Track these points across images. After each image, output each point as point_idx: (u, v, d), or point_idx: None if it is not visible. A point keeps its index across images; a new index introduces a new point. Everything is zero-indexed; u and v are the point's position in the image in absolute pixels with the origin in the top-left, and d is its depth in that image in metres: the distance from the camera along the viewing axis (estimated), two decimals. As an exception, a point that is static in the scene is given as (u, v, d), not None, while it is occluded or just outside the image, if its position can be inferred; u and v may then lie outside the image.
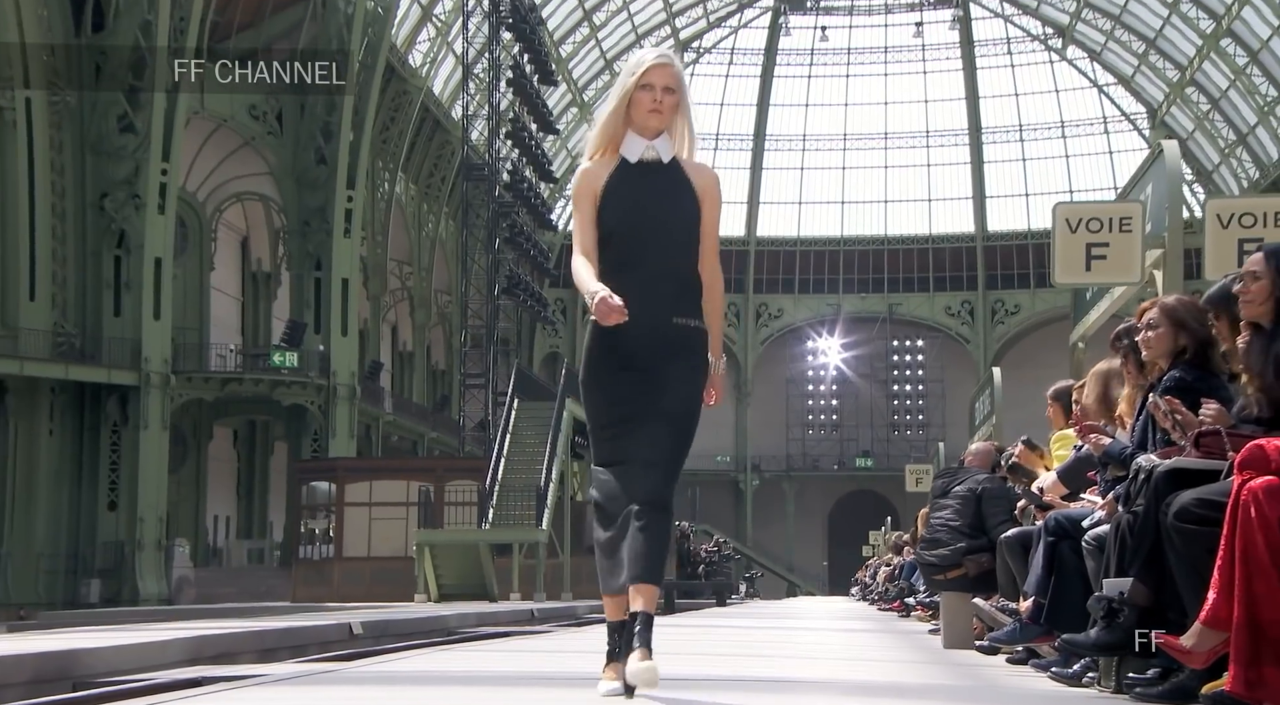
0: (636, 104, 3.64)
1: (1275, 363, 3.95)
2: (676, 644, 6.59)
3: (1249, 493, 3.43)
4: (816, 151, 55.35)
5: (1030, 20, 51.72)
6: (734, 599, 28.28)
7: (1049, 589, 5.03)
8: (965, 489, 6.99)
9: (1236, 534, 3.43)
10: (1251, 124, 45.91)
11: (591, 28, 46.22)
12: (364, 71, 32.06)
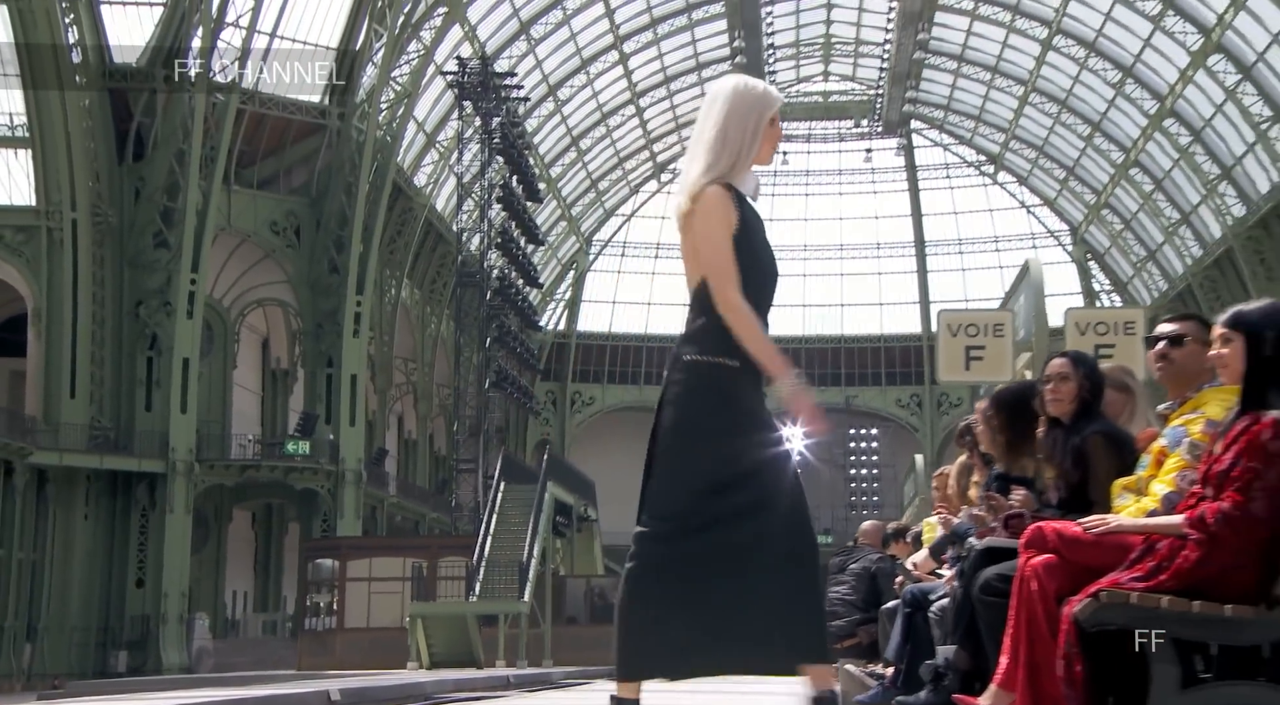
0: (767, 139, 3.09)
1: (1073, 453, 4.08)
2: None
3: (1031, 569, 3.53)
4: (780, 261, 55.40)
5: (966, 149, 52.69)
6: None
7: (905, 655, 5.10)
8: (859, 566, 7.09)
9: (1021, 605, 3.53)
10: (1159, 242, 46.64)
11: (578, 152, 46.95)
12: (373, 191, 32.53)
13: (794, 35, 46.61)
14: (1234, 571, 3.23)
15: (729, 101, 3.07)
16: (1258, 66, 36.07)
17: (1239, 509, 3.20)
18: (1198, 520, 3.31)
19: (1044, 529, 3.61)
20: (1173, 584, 3.27)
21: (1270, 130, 36.74)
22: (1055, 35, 41.60)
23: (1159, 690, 3.23)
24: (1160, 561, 3.32)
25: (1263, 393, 3.29)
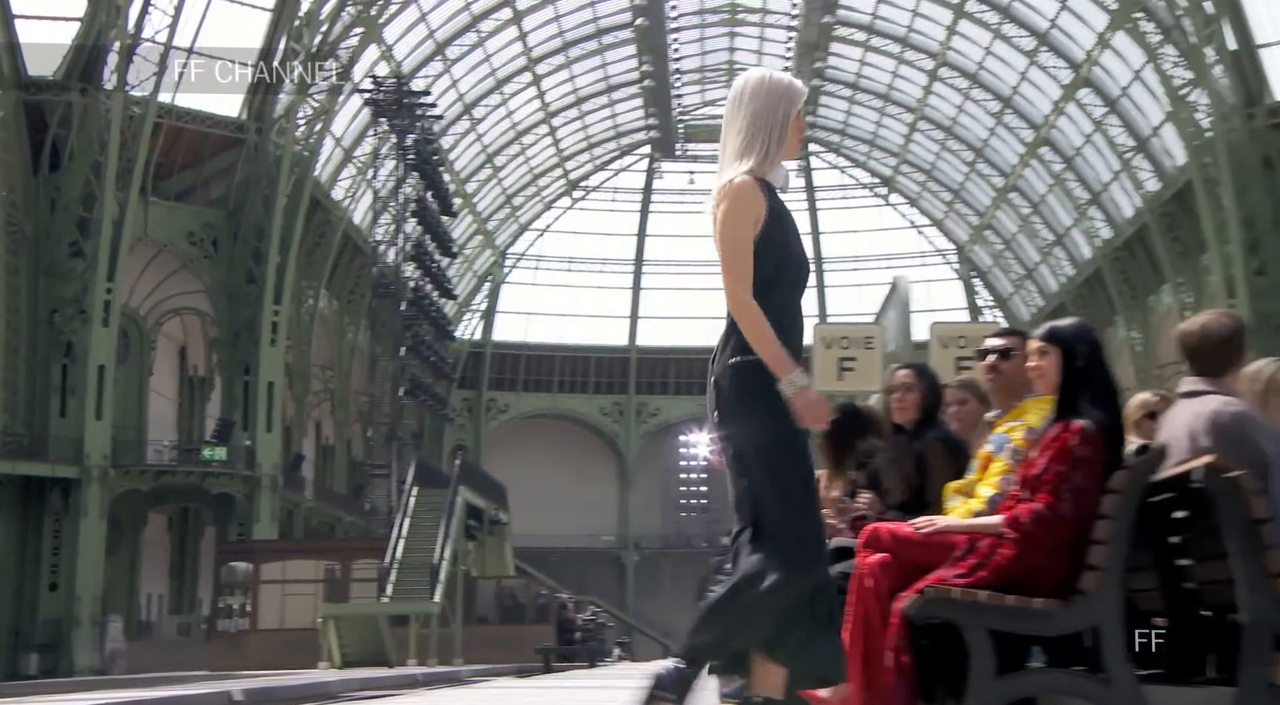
0: (795, 131, 2.95)
1: (916, 458, 4.20)
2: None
3: (866, 567, 3.64)
4: (689, 274, 56.18)
5: (861, 171, 53.58)
6: (606, 661, 28.01)
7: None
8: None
9: (857, 601, 3.64)
10: (1036, 262, 47.89)
11: (493, 168, 46.79)
12: (290, 204, 32.06)
13: (699, 61, 47.00)
14: (1045, 567, 3.35)
15: (755, 96, 2.97)
16: (1122, 100, 37.30)
17: (1050, 509, 3.32)
18: (1014, 520, 3.44)
19: (879, 530, 3.72)
20: (991, 579, 3.39)
21: (1133, 159, 37.98)
22: (940, 67, 42.54)
23: (977, 677, 3.34)
24: (981, 559, 3.43)
25: (1075, 402, 3.41)
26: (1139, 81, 35.57)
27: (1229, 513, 3.19)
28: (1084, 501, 3.31)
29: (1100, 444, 3.34)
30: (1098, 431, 3.34)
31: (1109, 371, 3.44)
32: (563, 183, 52.75)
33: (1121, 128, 37.84)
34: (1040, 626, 3.35)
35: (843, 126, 50.90)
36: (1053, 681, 3.38)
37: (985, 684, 3.32)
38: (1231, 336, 3.60)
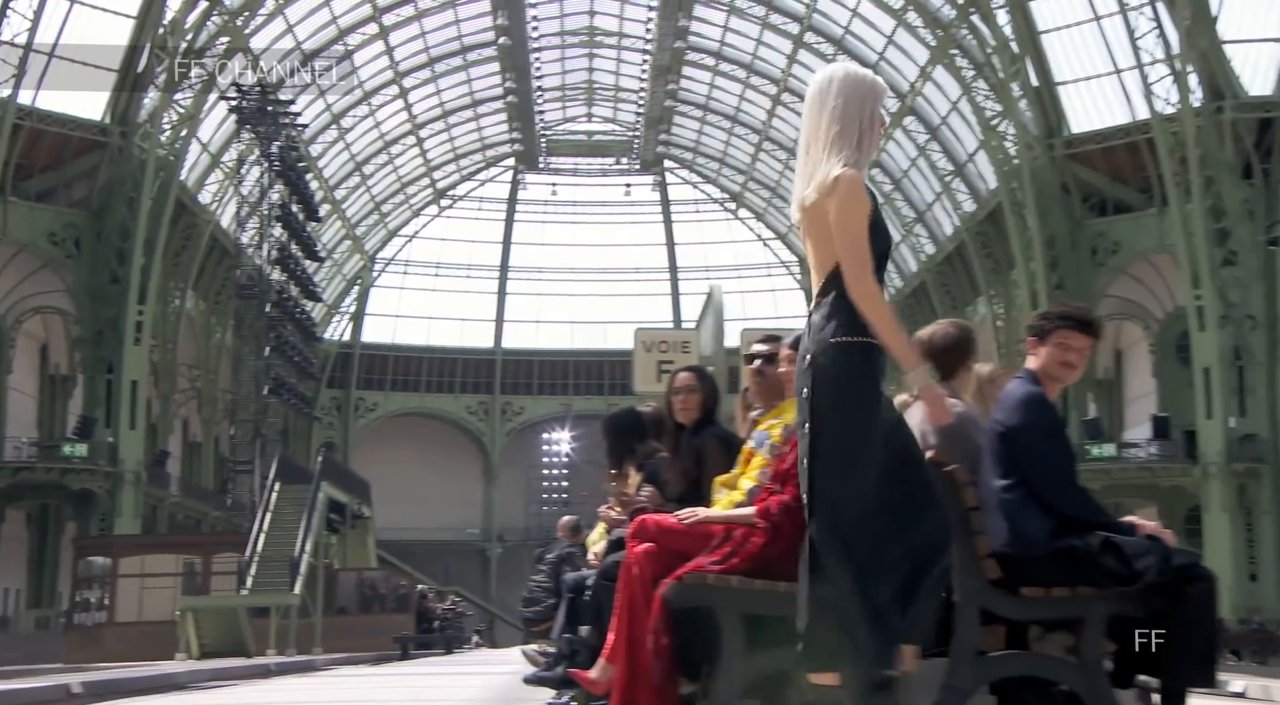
0: (878, 125, 2.87)
1: (695, 454, 4.26)
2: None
3: (633, 556, 3.68)
4: (551, 281, 56.07)
5: (712, 187, 54.27)
6: (464, 649, 27.73)
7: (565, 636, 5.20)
8: (554, 556, 7.17)
9: (625, 588, 3.68)
10: (870, 272, 49.19)
11: (362, 176, 45.87)
12: (155, 207, 30.81)
13: (560, 79, 46.96)
14: (792, 554, 3.42)
15: (844, 91, 2.83)
16: (942, 128, 38.72)
17: (796, 501, 3.36)
18: (765, 511, 3.52)
19: (646, 521, 3.76)
20: (743, 566, 3.46)
21: (952, 182, 39.46)
22: (783, 92, 43.42)
23: (728, 656, 3.41)
24: (735, 547, 3.50)
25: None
26: (956, 112, 36.97)
27: (946, 503, 3.29)
28: None
29: None
30: None
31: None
32: (430, 191, 52.05)
33: (942, 153, 39.26)
34: (785, 608, 3.44)
35: (695, 145, 51.51)
36: (786, 659, 3.47)
37: (735, 662, 3.39)
38: (955, 344, 3.78)
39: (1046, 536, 3.21)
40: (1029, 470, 3.28)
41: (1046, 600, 3.22)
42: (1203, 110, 29.68)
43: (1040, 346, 3.51)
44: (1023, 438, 3.33)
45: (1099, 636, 3.19)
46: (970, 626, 3.26)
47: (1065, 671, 3.27)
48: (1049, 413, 3.41)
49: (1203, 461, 30.64)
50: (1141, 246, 33.28)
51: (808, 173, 2.81)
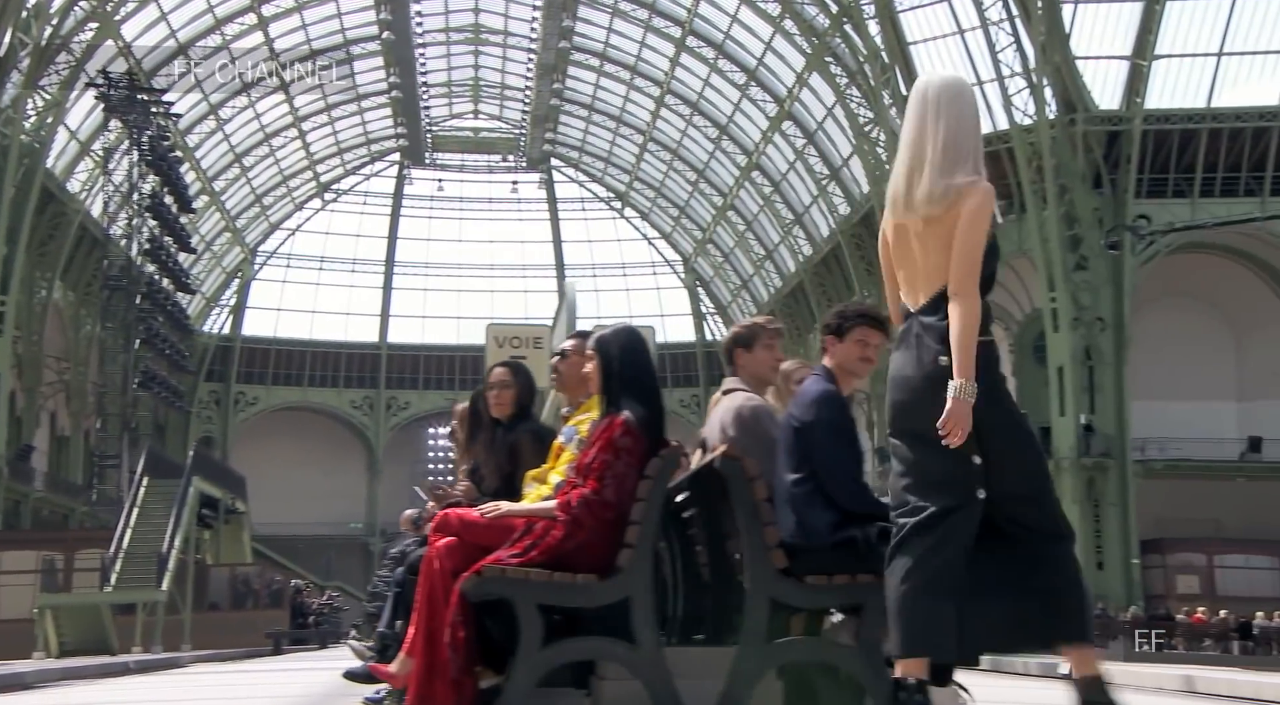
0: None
1: (509, 449, 4.23)
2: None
3: (434, 550, 3.65)
4: (436, 276, 55.35)
5: (598, 186, 54.24)
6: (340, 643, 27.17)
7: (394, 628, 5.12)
8: (397, 550, 7.05)
9: (425, 582, 3.63)
10: (750, 274, 49.92)
11: (242, 168, 44.53)
12: (19, 195, 29.33)
13: (446, 76, 46.36)
14: (590, 546, 3.46)
15: (956, 102, 2.83)
16: (818, 133, 39.44)
17: (595, 494, 3.44)
18: (565, 504, 3.54)
19: (449, 515, 3.74)
20: (542, 558, 3.47)
21: (828, 185, 40.22)
22: (666, 95, 43.65)
23: (526, 647, 3.41)
24: (535, 540, 3.51)
25: (616, 399, 3.56)
26: (831, 117, 37.68)
27: (738, 494, 3.40)
28: (625, 487, 3.44)
29: (639, 435, 3.47)
30: (638, 424, 3.46)
31: (647, 371, 3.58)
32: (314, 185, 50.86)
33: (818, 157, 39.98)
34: (582, 599, 3.46)
35: (581, 144, 51.42)
36: (588, 648, 3.50)
37: (533, 653, 3.39)
38: (728, 340, 3.97)
39: (830, 528, 3.31)
40: (818, 465, 3.37)
41: (829, 588, 3.33)
42: (1057, 122, 30.83)
43: (839, 344, 3.62)
44: (814, 433, 3.41)
45: (878, 621, 3.23)
46: (759, 613, 3.33)
47: (846, 656, 3.37)
48: (841, 410, 3.52)
49: (1056, 456, 31.84)
50: (1003, 251, 34.28)
51: (928, 180, 2.78)
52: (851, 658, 3.33)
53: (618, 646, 3.40)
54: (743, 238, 48.29)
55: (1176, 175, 31.80)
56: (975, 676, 3.55)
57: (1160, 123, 31.22)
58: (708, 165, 46.45)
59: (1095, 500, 31.80)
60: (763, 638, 3.30)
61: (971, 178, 2.79)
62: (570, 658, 3.54)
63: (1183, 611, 27.21)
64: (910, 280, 2.88)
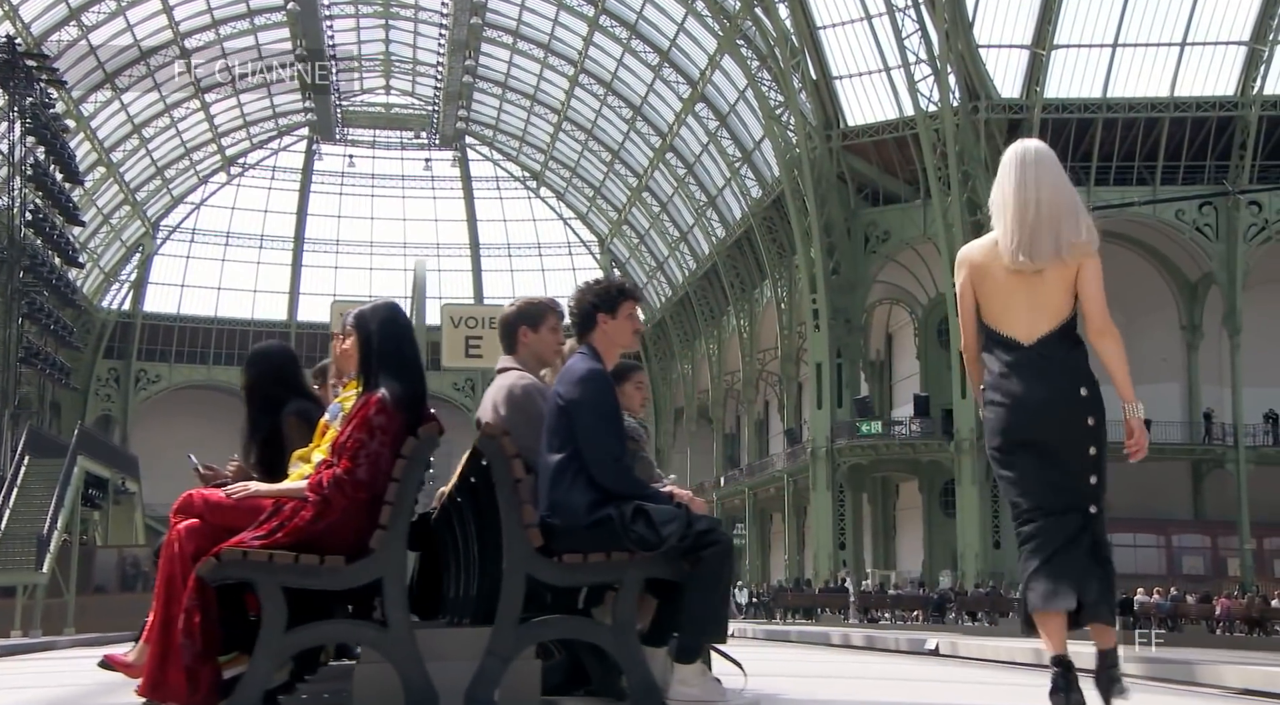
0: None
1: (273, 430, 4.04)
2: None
3: (177, 532, 3.47)
4: (348, 254, 54.38)
5: (513, 165, 53.72)
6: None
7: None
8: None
9: (165, 566, 3.45)
10: (665, 256, 49.90)
11: (141, 139, 43.13)
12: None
13: (356, 49, 45.42)
14: (341, 528, 3.31)
15: (1058, 167, 3.32)
16: (730, 116, 39.49)
17: (347, 474, 3.30)
18: (316, 484, 3.39)
19: (193, 496, 3.56)
20: (288, 540, 3.31)
21: (741, 168, 40.33)
22: (580, 74, 43.31)
23: (268, 632, 3.26)
24: (282, 521, 3.36)
25: (374, 376, 3.41)
26: (744, 100, 37.74)
27: (497, 472, 3.32)
28: (380, 466, 3.31)
29: (396, 413, 3.34)
30: (394, 402, 3.34)
31: (406, 348, 3.45)
32: (219, 159, 49.54)
33: (731, 140, 40.04)
34: (331, 582, 3.33)
35: (495, 122, 50.84)
36: (335, 631, 3.37)
37: (276, 637, 3.25)
38: (510, 318, 3.91)
39: (587, 508, 3.28)
40: (580, 444, 3.33)
41: (584, 566, 3.28)
42: (960, 109, 31.28)
43: (612, 320, 3.59)
44: (577, 412, 3.36)
45: (632, 599, 3.26)
46: (515, 593, 3.26)
47: (600, 633, 3.32)
48: (606, 389, 3.44)
49: (957, 438, 32.45)
50: (908, 235, 34.87)
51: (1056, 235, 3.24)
52: (605, 635, 3.28)
53: (366, 629, 3.29)
54: (658, 219, 48.24)
55: (1074, 163, 32.49)
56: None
57: (1058, 112, 31.87)
58: (622, 146, 46.25)
59: (994, 480, 32.46)
60: (517, 617, 3.23)
61: (1089, 236, 3.27)
62: (315, 642, 3.41)
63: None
64: (1021, 317, 3.28)
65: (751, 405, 44.77)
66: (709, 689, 3.26)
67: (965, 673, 4.01)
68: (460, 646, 3.33)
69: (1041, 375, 3.25)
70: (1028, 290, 3.27)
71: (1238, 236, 31.83)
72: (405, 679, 3.17)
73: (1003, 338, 3.30)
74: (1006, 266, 3.27)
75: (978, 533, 31.43)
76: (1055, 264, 3.25)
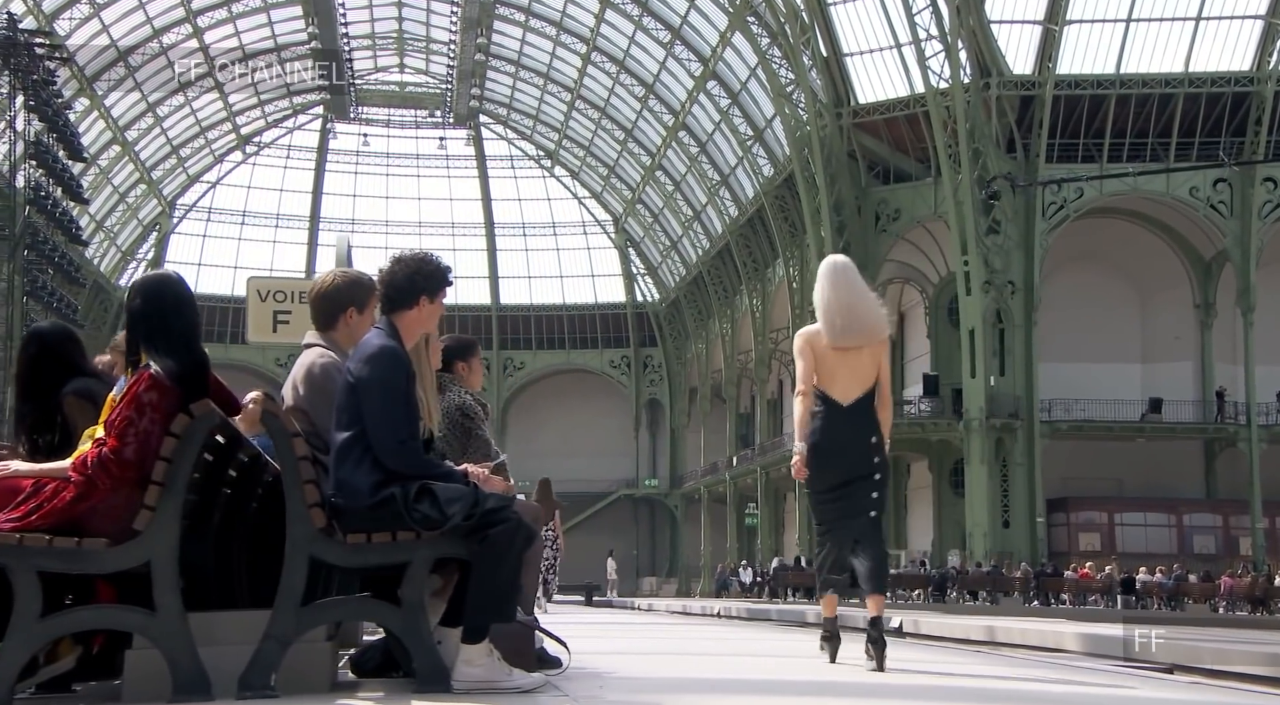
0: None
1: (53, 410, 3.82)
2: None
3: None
4: (362, 233, 54.28)
5: (527, 144, 53.47)
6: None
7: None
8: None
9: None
10: (679, 235, 49.56)
11: (156, 117, 43.22)
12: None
13: (369, 28, 45.25)
14: (106, 509, 3.17)
15: (857, 273, 4.59)
16: (742, 94, 39.02)
17: (114, 453, 3.16)
18: (81, 464, 3.21)
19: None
20: (45, 523, 3.14)
21: (753, 146, 39.88)
22: (592, 52, 42.95)
23: (20, 618, 3.10)
24: (41, 502, 3.19)
25: (146, 351, 3.26)
26: (755, 78, 37.27)
27: (281, 451, 3.28)
28: (149, 445, 3.18)
29: (170, 390, 3.20)
30: (167, 378, 3.20)
31: (174, 321, 3.29)
32: (233, 137, 49.60)
33: (743, 118, 39.60)
34: (93, 566, 3.17)
35: (509, 101, 50.58)
36: (98, 617, 3.26)
37: (28, 625, 3.09)
38: (334, 294, 3.70)
39: (371, 488, 3.21)
40: (366, 423, 3.25)
41: (370, 547, 3.21)
42: (971, 86, 30.70)
43: (429, 304, 3.50)
44: (365, 391, 3.27)
45: (421, 579, 3.20)
46: (297, 574, 3.18)
47: (386, 615, 3.27)
48: (397, 367, 3.32)
49: (966, 418, 32.04)
50: (919, 214, 34.37)
51: (860, 323, 4.48)
52: (392, 617, 3.22)
53: (133, 614, 3.16)
54: (671, 198, 47.87)
55: (1086, 140, 31.86)
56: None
57: (1071, 88, 31.20)
58: (635, 125, 45.88)
59: (1003, 460, 32.09)
60: (298, 599, 3.14)
61: (885, 324, 4.50)
62: (75, 628, 3.25)
63: (1071, 568, 27.59)
64: (841, 382, 4.49)
65: (764, 385, 44.46)
66: (494, 670, 3.20)
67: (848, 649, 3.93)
68: (242, 631, 3.20)
69: (850, 425, 4.48)
70: (848, 365, 4.47)
71: (1252, 214, 31.11)
72: (173, 665, 3.04)
73: (828, 397, 4.50)
74: (829, 346, 4.46)
75: (986, 512, 31.05)
76: (866, 349, 4.48)
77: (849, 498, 4.47)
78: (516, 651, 3.52)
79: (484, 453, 4.24)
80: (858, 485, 4.47)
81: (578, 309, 54.36)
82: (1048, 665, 5.55)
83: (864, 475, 4.47)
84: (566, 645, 3.87)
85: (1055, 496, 33.15)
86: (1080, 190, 31.12)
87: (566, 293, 55.09)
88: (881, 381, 4.49)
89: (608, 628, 8.60)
